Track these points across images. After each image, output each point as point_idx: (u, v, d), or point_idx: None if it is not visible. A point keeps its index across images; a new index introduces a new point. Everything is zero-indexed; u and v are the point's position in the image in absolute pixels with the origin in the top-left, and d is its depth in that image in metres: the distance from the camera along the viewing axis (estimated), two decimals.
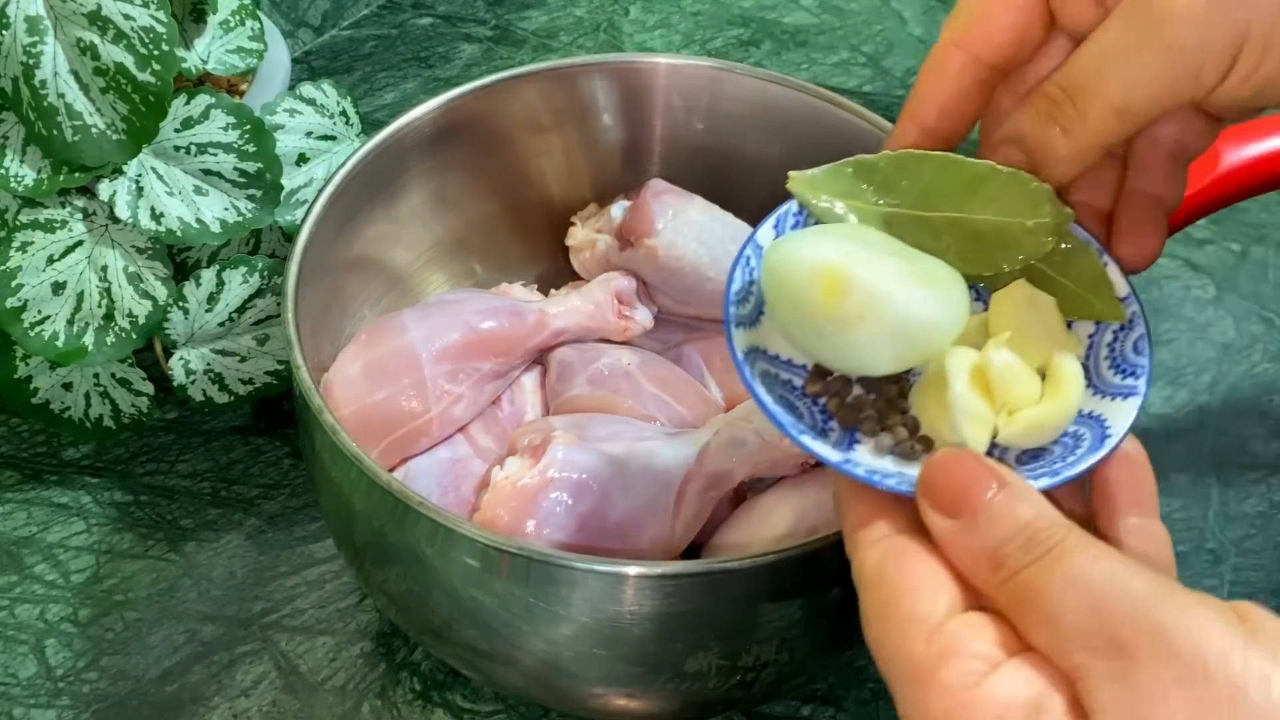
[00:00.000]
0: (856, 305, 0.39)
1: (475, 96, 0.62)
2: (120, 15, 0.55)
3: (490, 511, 0.52)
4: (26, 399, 0.63)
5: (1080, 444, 0.41)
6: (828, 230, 0.43)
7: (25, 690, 0.58)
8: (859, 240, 0.42)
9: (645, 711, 0.52)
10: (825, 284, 0.39)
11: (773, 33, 0.92)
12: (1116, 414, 0.41)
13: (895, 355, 0.40)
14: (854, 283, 0.39)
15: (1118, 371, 0.42)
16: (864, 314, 0.39)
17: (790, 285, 0.40)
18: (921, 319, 0.40)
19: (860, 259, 0.40)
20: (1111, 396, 0.41)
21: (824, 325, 0.40)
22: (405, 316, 0.57)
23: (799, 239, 0.42)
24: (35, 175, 0.57)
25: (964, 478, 0.37)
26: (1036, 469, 0.40)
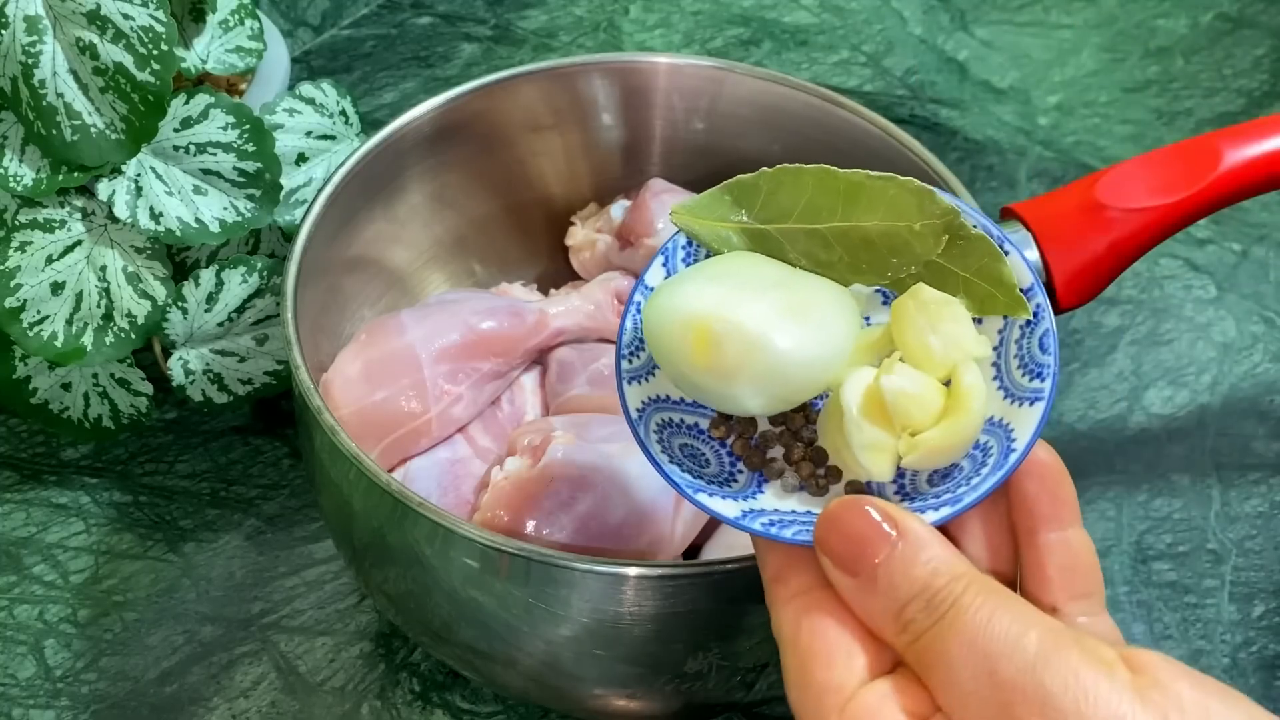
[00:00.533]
0: (730, 356, 0.38)
1: (475, 96, 0.62)
2: (119, 15, 0.55)
3: (490, 512, 0.52)
4: (25, 399, 0.63)
5: (988, 457, 0.39)
6: (704, 270, 0.41)
7: (24, 691, 0.58)
8: (737, 277, 0.40)
9: (645, 712, 0.52)
10: (696, 338, 0.39)
11: (773, 32, 0.92)
12: (1022, 422, 0.39)
13: (777, 398, 0.39)
14: (724, 335, 0.38)
15: (1025, 372, 0.40)
16: (739, 364, 0.38)
17: (665, 340, 0.39)
18: (798, 360, 0.39)
19: (731, 303, 0.39)
20: (1020, 401, 0.40)
21: (702, 378, 0.39)
22: (405, 316, 0.57)
23: (671, 288, 0.40)
24: (34, 175, 0.57)
25: (859, 532, 0.37)
26: (942, 493, 0.39)
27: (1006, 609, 0.35)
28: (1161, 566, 0.63)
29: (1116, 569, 0.63)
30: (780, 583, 0.39)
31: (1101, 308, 0.74)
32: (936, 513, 0.38)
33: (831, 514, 0.37)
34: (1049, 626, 0.34)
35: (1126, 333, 0.73)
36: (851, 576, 0.37)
